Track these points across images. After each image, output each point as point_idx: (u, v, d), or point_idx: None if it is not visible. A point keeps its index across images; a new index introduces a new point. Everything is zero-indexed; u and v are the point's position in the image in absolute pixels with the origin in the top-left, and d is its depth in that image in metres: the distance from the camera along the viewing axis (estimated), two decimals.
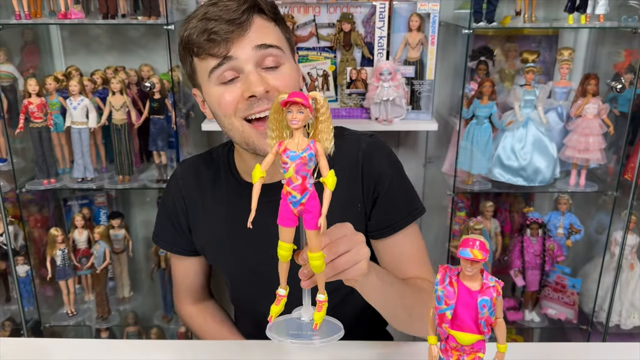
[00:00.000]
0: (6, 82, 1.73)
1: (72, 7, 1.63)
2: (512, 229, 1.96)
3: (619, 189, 1.73)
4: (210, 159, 1.21)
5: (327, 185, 0.70)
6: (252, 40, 0.95)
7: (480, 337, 0.73)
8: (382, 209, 1.10)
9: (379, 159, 1.11)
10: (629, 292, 1.83)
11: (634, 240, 1.78)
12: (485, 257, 0.68)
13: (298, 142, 0.70)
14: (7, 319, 1.89)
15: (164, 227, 1.23)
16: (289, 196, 0.71)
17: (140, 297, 2.00)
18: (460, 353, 0.74)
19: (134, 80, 1.81)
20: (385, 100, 1.67)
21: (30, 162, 1.82)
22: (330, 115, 0.72)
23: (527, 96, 1.68)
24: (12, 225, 1.80)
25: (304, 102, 0.68)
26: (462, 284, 0.71)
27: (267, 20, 0.99)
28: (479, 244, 0.68)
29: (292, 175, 0.70)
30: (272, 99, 0.88)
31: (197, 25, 0.95)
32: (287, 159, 0.70)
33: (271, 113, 0.73)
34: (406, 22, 1.67)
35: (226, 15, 0.93)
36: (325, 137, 0.72)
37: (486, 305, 0.70)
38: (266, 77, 0.96)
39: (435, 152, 2.05)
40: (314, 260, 0.73)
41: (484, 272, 0.72)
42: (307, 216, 0.72)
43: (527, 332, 2.03)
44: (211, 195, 1.16)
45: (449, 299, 0.71)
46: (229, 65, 0.95)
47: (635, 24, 1.64)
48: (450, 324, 0.72)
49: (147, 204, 2.11)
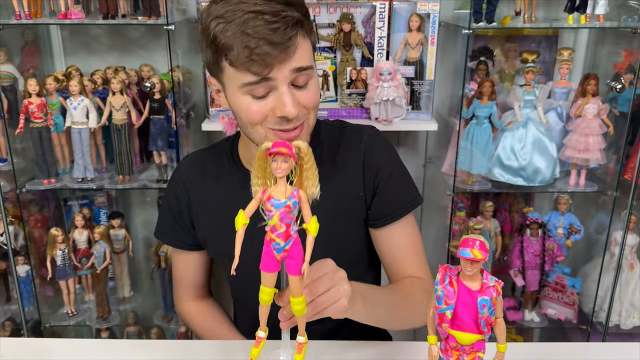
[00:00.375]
0: (6, 82, 1.73)
1: (72, 7, 1.63)
2: (512, 229, 1.96)
3: (619, 189, 1.73)
4: (214, 152, 1.22)
5: (310, 232, 0.73)
6: (294, 61, 0.93)
7: (480, 337, 0.73)
8: (383, 198, 1.13)
9: (380, 150, 1.14)
10: (628, 292, 1.83)
11: (633, 240, 1.78)
12: (485, 257, 0.68)
13: (282, 190, 0.72)
14: (7, 319, 1.89)
15: (166, 221, 1.24)
16: (273, 243, 0.73)
17: (140, 297, 2.00)
18: (460, 353, 0.74)
19: (134, 81, 1.81)
20: (385, 100, 1.67)
21: (30, 162, 1.82)
22: (314, 162, 0.75)
23: (526, 96, 1.68)
24: (12, 225, 1.80)
25: (288, 153, 0.70)
26: (462, 283, 0.72)
27: (306, 37, 0.96)
28: (479, 244, 0.68)
29: (277, 223, 0.72)
30: (299, 115, 0.96)
31: (235, 34, 0.90)
32: (271, 207, 0.72)
33: (255, 160, 0.74)
34: (406, 22, 1.68)
35: (270, 36, 0.88)
36: (310, 183, 0.74)
37: (486, 305, 0.70)
38: (296, 95, 0.96)
39: (435, 152, 2.05)
40: (296, 305, 0.75)
41: (483, 272, 0.72)
42: (290, 262, 0.74)
43: (527, 332, 2.03)
44: (215, 188, 1.17)
45: (449, 298, 0.71)
46: (264, 84, 0.94)
47: (635, 24, 1.64)
48: (450, 324, 0.72)
49: (147, 204, 2.11)
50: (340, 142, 1.15)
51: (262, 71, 0.91)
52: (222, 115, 1.74)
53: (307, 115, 0.99)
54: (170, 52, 1.63)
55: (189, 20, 1.85)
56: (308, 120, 1.00)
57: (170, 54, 1.63)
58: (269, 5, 0.90)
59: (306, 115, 0.99)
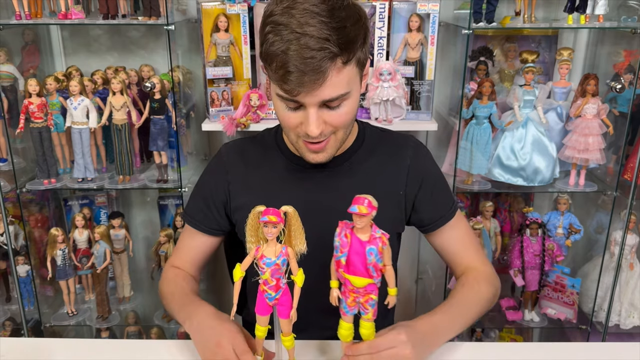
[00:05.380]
0: (7, 82, 1.73)
1: (72, 8, 1.63)
2: (512, 229, 1.96)
3: (619, 189, 1.74)
4: (254, 142, 1.25)
5: (297, 283, 0.87)
6: (322, 93, 0.95)
7: (371, 281, 0.87)
8: (432, 204, 1.22)
9: (425, 159, 1.23)
10: (628, 291, 1.83)
11: (633, 240, 1.79)
12: (369, 212, 0.82)
13: (272, 250, 0.86)
14: (7, 319, 1.90)
15: (196, 204, 1.26)
16: (265, 293, 0.88)
17: (140, 297, 2.00)
18: (356, 295, 0.89)
19: (134, 81, 1.81)
20: (385, 100, 1.68)
21: (30, 162, 1.82)
22: (300, 222, 0.87)
23: (526, 96, 1.69)
24: (13, 225, 1.80)
25: (278, 221, 0.83)
26: (354, 235, 0.86)
27: (342, 64, 0.95)
28: (367, 202, 0.83)
29: (268, 278, 0.86)
30: (326, 132, 1.02)
31: (277, 52, 0.93)
32: (263, 266, 0.86)
33: (249, 222, 0.87)
34: (406, 22, 1.68)
35: (303, 66, 0.91)
36: (298, 241, 0.88)
37: (373, 252, 0.85)
38: (325, 115, 1.00)
39: (434, 152, 2.03)
40: (285, 342, 0.93)
41: (373, 225, 0.86)
42: (280, 308, 0.90)
43: (527, 332, 2.03)
44: (256, 171, 1.20)
45: (344, 247, 0.86)
46: (295, 103, 0.98)
47: (635, 24, 1.64)
48: (345, 269, 0.87)
49: (147, 204, 2.11)
50: (385, 144, 1.22)
51: (293, 93, 0.95)
52: (222, 115, 1.74)
53: (333, 132, 1.03)
54: (170, 52, 1.63)
55: (189, 20, 1.85)
56: (336, 135, 1.05)
57: (170, 54, 1.64)
58: (318, 28, 0.91)
59: (332, 132, 1.03)
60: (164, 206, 1.97)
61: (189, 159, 1.92)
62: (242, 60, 1.72)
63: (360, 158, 1.18)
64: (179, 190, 1.75)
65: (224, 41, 1.68)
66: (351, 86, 0.99)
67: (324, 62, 0.92)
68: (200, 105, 1.97)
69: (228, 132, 1.71)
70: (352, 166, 1.17)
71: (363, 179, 1.15)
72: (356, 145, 1.18)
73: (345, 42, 0.94)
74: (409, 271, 2.21)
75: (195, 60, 1.89)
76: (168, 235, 1.85)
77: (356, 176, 1.16)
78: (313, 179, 1.16)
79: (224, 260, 1.50)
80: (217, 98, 1.73)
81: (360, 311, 0.90)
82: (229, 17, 1.67)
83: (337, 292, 0.90)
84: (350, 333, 0.93)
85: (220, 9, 1.66)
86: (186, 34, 1.86)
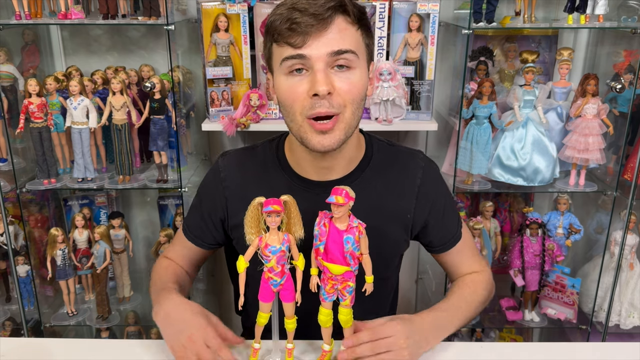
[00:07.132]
0: (6, 82, 1.73)
1: (72, 8, 1.63)
2: (512, 228, 1.96)
3: (619, 189, 1.74)
4: (254, 153, 1.21)
5: (299, 267, 0.93)
6: (329, 41, 0.95)
7: (348, 269, 0.90)
8: (442, 228, 1.22)
9: (435, 180, 1.21)
10: (628, 291, 1.83)
11: (633, 240, 1.79)
12: (346, 202, 0.86)
13: (276, 238, 0.90)
14: (7, 319, 1.90)
15: (194, 218, 1.25)
16: (270, 280, 0.92)
17: (140, 297, 2.00)
18: (334, 282, 0.92)
19: (134, 81, 1.81)
20: (385, 100, 1.68)
21: (30, 162, 1.82)
22: (298, 210, 0.92)
23: (526, 96, 1.69)
24: (13, 225, 1.80)
25: (281, 210, 0.88)
26: (332, 224, 0.90)
27: (349, 23, 0.98)
28: (344, 192, 0.86)
29: (274, 265, 0.91)
30: (334, 103, 0.97)
31: (283, 13, 0.96)
32: (269, 253, 0.90)
33: (248, 214, 0.91)
34: (406, 22, 1.68)
35: (312, 8, 0.94)
36: (297, 228, 0.93)
37: (350, 241, 0.88)
38: (333, 78, 0.97)
39: (435, 152, 2.05)
40: (288, 325, 0.97)
41: (350, 215, 0.89)
42: (284, 292, 0.95)
43: (527, 332, 2.03)
44: (256, 187, 1.14)
45: (322, 236, 0.89)
46: (300, 60, 0.96)
47: (635, 24, 1.64)
48: (324, 257, 0.91)
49: (147, 204, 2.11)
50: (394, 163, 1.18)
51: (299, 42, 0.95)
52: (222, 115, 1.74)
53: (342, 108, 0.98)
54: (170, 52, 1.63)
55: (189, 20, 1.85)
56: (344, 113, 0.99)
57: (170, 54, 1.64)
58: None
59: (342, 107, 0.98)
60: (163, 206, 1.97)
61: (189, 159, 1.92)
62: (242, 60, 1.72)
63: (368, 178, 1.14)
64: (179, 190, 1.75)
65: (224, 41, 1.68)
66: (360, 51, 0.99)
67: (330, 8, 0.95)
68: (200, 105, 1.97)
69: (228, 132, 1.71)
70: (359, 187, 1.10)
71: (370, 201, 1.11)
72: (363, 164, 1.14)
73: (353, 3, 0.98)
74: (409, 271, 2.21)
75: (195, 60, 1.89)
76: (168, 235, 1.85)
77: (363, 198, 1.08)
78: (317, 199, 1.00)
79: (224, 260, 1.50)
80: (217, 98, 1.73)
81: (339, 297, 0.94)
82: (229, 17, 1.67)
83: (317, 279, 0.94)
84: (330, 319, 0.96)
85: (220, 9, 1.66)
86: (186, 34, 1.86)
